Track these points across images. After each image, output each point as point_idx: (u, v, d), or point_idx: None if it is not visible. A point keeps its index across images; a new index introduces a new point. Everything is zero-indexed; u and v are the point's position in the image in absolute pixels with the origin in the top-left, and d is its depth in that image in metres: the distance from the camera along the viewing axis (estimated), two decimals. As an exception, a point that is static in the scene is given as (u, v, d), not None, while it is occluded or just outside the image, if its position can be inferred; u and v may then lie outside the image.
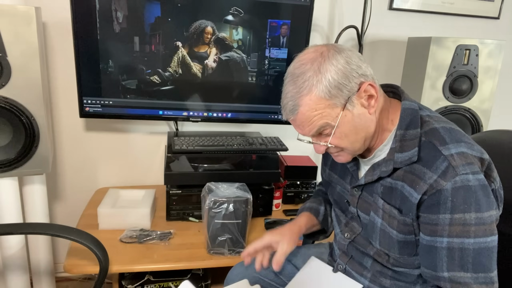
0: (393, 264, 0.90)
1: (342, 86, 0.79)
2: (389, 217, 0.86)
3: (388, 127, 0.87)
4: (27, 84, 1.28)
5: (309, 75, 0.80)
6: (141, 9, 1.45)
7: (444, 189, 0.75)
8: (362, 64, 0.82)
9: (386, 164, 0.85)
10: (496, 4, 1.94)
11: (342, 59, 0.80)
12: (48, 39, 1.59)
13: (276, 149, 1.56)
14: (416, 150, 0.80)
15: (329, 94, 0.79)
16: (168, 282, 1.50)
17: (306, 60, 0.82)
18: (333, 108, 0.80)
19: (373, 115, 0.84)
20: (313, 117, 0.81)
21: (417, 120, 0.83)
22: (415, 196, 0.79)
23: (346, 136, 0.84)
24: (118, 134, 1.77)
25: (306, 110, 0.81)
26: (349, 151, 0.87)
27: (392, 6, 1.85)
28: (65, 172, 1.77)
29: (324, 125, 0.82)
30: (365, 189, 0.92)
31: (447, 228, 0.76)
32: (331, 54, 0.80)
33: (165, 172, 1.45)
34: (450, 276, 0.78)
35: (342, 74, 0.79)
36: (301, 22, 1.58)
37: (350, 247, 0.98)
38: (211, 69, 1.58)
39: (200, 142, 1.55)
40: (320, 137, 0.86)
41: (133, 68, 1.51)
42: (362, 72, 0.81)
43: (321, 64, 0.79)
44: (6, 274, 1.45)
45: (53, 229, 1.16)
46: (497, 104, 2.06)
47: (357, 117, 0.82)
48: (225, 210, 1.27)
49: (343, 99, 0.80)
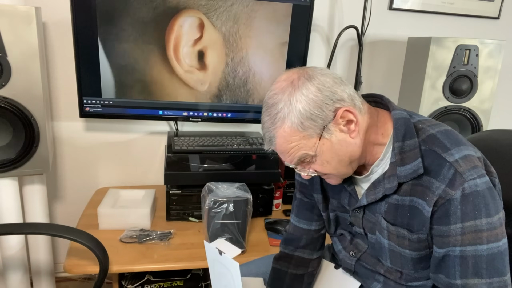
0: (407, 280, 0.87)
1: (315, 117, 0.75)
2: (397, 237, 0.83)
3: (380, 141, 0.82)
4: (27, 84, 1.28)
5: (281, 107, 0.76)
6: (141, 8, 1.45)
7: (454, 198, 0.73)
8: (337, 89, 0.77)
9: (389, 180, 0.81)
10: (496, 4, 1.94)
11: (313, 87, 0.76)
12: (48, 39, 1.59)
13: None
14: (419, 161, 0.77)
15: (301, 126, 0.76)
16: (168, 282, 1.50)
17: (277, 89, 0.78)
18: (309, 139, 0.77)
19: (356, 138, 0.80)
20: (290, 149, 0.79)
21: (412, 129, 0.80)
22: (427, 209, 0.76)
23: (328, 163, 0.80)
24: (118, 134, 1.77)
25: (282, 142, 0.78)
26: (336, 174, 0.84)
27: (392, 6, 1.85)
28: (65, 172, 1.77)
29: (303, 156, 0.79)
30: (367, 208, 0.88)
31: (459, 238, 0.74)
32: (301, 82, 0.76)
33: (165, 172, 1.45)
34: (463, 283, 0.76)
35: (314, 104, 0.75)
36: (301, 22, 1.58)
37: (357, 266, 0.95)
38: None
39: (200, 142, 1.55)
40: (303, 164, 0.83)
41: (133, 68, 1.51)
42: (338, 98, 0.77)
43: (291, 95, 0.76)
44: (6, 274, 1.45)
45: (53, 229, 1.16)
46: (497, 104, 2.06)
47: (337, 144, 0.78)
48: (225, 210, 1.27)
49: (318, 129, 0.77)
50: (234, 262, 0.75)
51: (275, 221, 1.54)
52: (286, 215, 1.65)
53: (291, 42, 1.60)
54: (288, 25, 1.57)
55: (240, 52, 1.58)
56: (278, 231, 1.47)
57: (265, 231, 1.50)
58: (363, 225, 0.90)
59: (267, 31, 1.57)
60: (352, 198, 0.90)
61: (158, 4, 1.46)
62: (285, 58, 1.62)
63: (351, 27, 1.69)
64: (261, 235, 1.48)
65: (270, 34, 1.58)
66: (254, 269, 1.11)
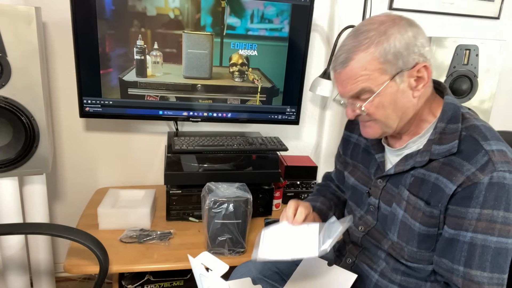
0: (408, 259, 0.89)
1: (399, 56, 0.78)
2: (413, 208, 0.85)
3: (428, 118, 0.86)
4: (27, 84, 1.28)
5: (373, 34, 0.78)
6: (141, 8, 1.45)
7: (481, 182, 0.75)
8: (426, 46, 0.80)
9: (421, 155, 0.84)
10: (496, 4, 1.94)
11: (411, 32, 0.78)
12: (48, 39, 1.59)
13: (276, 149, 1.56)
14: (456, 143, 0.80)
15: (383, 58, 0.78)
16: (168, 282, 1.50)
17: (376, 21, 0.80)
18: (381, 74, 0.79)
19: (416, 99, 0.83)
20: (359, 76, 0.80)
21: (458, 115, 0.83)
22: (450, 187, 0.79)
23: (383, 108, 0.82)
24: (118, 134, 1.77)
25: (356, 66, 0.79)
26: (381, 125, 0.85)
27: (392, 6, 1.85)
28: (65, 172, 1.77)
29: (366, 89, 0.81)
30: (390, 181, 0.92)
31: (474, 222, 0.76)
32: (402, 23, 0.79)
33: (165, 172, 1.45)
34: (465, 272, 0.78)
35: (405, 45, 0.78)
36: (301, 22, 1.58)
37: (364, 240, 0.99)
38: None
39: (200, 142, 1.55)
40: (357, 100, 0.84)
41: (133, 68, 1.51)
42: (424, 53, 0.80)
43: (388, 28, 0.78)
44: (6, 274, 1.45)
45: (53, 229, 1.16)
46: (497, 104, 2.06)
47: (400, 93, 0.81)
48: (225, 210, 1.27)
49: (394, 70, 0.79)
50: (224, 282, 0.74)
51: (275, 221, 1.53)
52: (286, 215, 1.65)
53: (291, 42, 1.60)
54: (288, 25, 1.57)
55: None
56: (278, 231, 1.47)
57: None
58: (380, 196, 0.94)
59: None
60: (379, 169, 0.95)
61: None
62: (285, 58, 1.62)
63: (351, 27, 1.69)
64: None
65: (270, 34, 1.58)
66: (253, 268, 1.11)
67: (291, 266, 1.10)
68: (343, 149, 1.11)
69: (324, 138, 2.00)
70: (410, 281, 0.91)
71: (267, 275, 1.10)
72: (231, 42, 1.55)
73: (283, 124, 1.83)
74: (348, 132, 1.11)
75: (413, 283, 0.91)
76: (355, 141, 1.07)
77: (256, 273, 1.10)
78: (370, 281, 0.97)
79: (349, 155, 1.07)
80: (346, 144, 1.10)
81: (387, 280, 0.94)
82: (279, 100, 1.67)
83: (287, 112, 1.70)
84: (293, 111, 1.70)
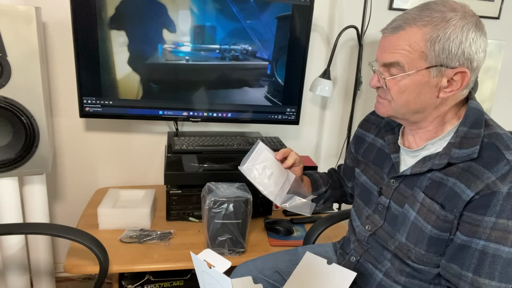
0: (414, 261, 0.88)
1: (446, 51, 0.75)
2: (427, 211, 0.84)
3: (451, 121, 0.85)
4: (27, 84, 1.28)
5: (437, 16, 0.76)
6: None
7: (500, 191, 0.74)
8: (480, 61, 0.78)
9: (440, 158, 0.82)
10: (496, 4, 1.94)
11: (473, 34, 0.76)
12: (48, 39, 1.59)
13: (276, 149, 1.56)
14: (477, 148, 0.79)
15: (431, 43, 0.75)
16: (168, 282, 1.50)
17: (449, 5, 0.77)
18: (421, 59, 0.77)
19: (439, 100, 0.81)
20: (400, 49, 0.78)
21: (481, 121, 0.82)
22: (467, 193, 0.77)
23: (404, 92, 0.81)
24: (118, 134, 1.77)
25: (404, 37, 0.77)
26: (393, 106, 0.84)
27: (392, 6, 1.85)
28: (65, 172, 1.77)
29: (399, 63, 0.79)
30: (404, 181, 0.90)
31: (488, 231, 0.76)
32: (471, 23, 0.76)
33: (165, 172, 1.45)
34: (474, 279, 0.77)
35: (458, 44, 0.75)
36: (301, 22, 1.58)
37: (370, 239, 0.98)
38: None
39: (200, 142, 1.55)
40: (386, 71, 0.83)
41: (133, 67, 1.51)
42: (472, 59, 0.77)
43: (454, 20, 0.75)
44: (6, 274, 1.45)
45: (53, 229, 1.16)
46: (497, 104, 2.06)
47: (427, 87, 0.79)
48: (225, 210, 1.27)
49: (434, 61, 0.76)
50: (226, 278, 0.75)
51: (275, 221, 1.53)
52: (286, 215, 1.65)
53: (291, 42, 1.60)
54: (288, 25, 1.58)
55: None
56: (278, 231, 1.47)
57: (265, 231, 1.50)
58: (391, 196, 0.92)
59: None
60: (393, 169, 0.94)
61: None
62: (285, 58, 1.62)
63: (351, 27, 1.69)
64: (261, 235, 1.48)
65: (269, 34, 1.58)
66: (254, 268, 1.11)
67: (291, 266, 1.10)
68: (355, 147, 1.10)
69: (324, 138, 2.00)
70: (414, 283, 0.90)
71: (267, 274, 1.10)
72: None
73: (283, 124, 1.83)
74: (363, 131, 1.10)
75: (417, 284, 0.90)
76: (371, 141, 1.06)
77: (256, 273, 1.10)
78: (374, 280, 0.97)
79: (361, 154, 1.07)
80: (359, 142, 1.09)
81: (392, 280, 0.93)
82: (279, 100, 1.67)
83: (287, 112, 1.70)
84: (293, 111, 1.70)
